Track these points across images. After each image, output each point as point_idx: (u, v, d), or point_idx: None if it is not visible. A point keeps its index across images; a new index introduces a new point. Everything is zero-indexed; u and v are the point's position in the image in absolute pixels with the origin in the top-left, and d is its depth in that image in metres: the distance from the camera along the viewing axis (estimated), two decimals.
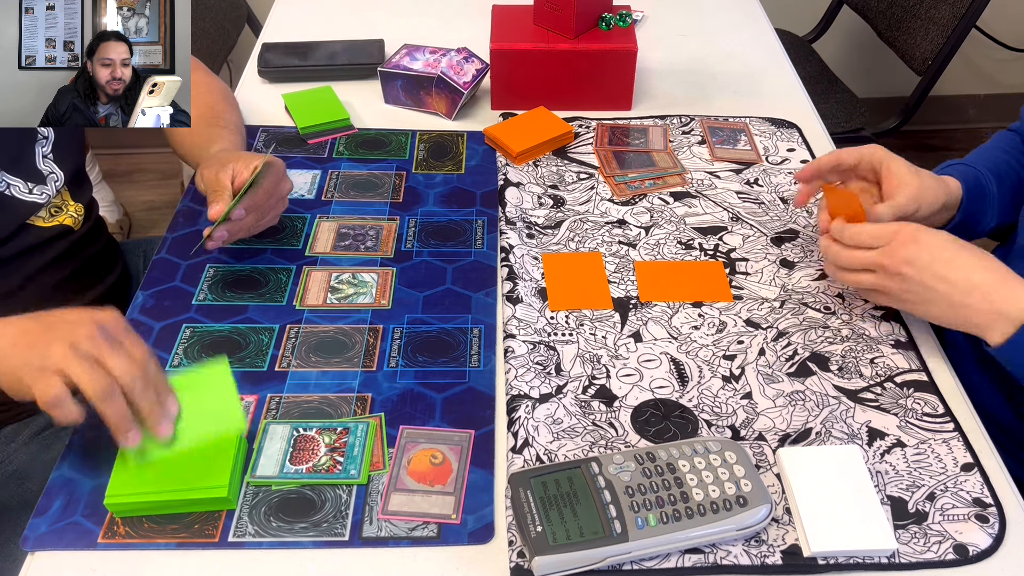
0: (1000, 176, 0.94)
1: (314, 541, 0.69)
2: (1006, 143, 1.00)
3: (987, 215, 0.93)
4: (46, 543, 0.69)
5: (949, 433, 0.77)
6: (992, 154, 0.98)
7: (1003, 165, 0.96)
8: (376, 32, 1.33)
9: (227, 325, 0.87)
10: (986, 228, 0.95)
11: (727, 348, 0.86)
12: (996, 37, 2.34)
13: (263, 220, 0.92)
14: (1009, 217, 0.95)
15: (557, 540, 0.64)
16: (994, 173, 0.94)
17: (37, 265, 0.95)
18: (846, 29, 2.23)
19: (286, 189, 0.94)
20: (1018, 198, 0.96)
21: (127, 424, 0.67)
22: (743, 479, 0.69)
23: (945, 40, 1.65)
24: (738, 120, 1.19)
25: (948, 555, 0.68)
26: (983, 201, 0.93)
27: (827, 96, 1.85)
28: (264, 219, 0.93)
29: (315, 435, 0.76)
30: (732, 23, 1.44)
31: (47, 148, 0.95)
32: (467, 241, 0.98)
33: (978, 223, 0.93)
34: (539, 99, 1.18)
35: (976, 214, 0.92)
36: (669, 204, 1.04)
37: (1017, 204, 0.96)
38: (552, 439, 0.76)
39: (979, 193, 0.92)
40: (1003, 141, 1.00)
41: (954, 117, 2.58)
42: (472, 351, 0.85)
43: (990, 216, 0.93)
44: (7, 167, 0.90)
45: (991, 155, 0.98)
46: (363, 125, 1.17)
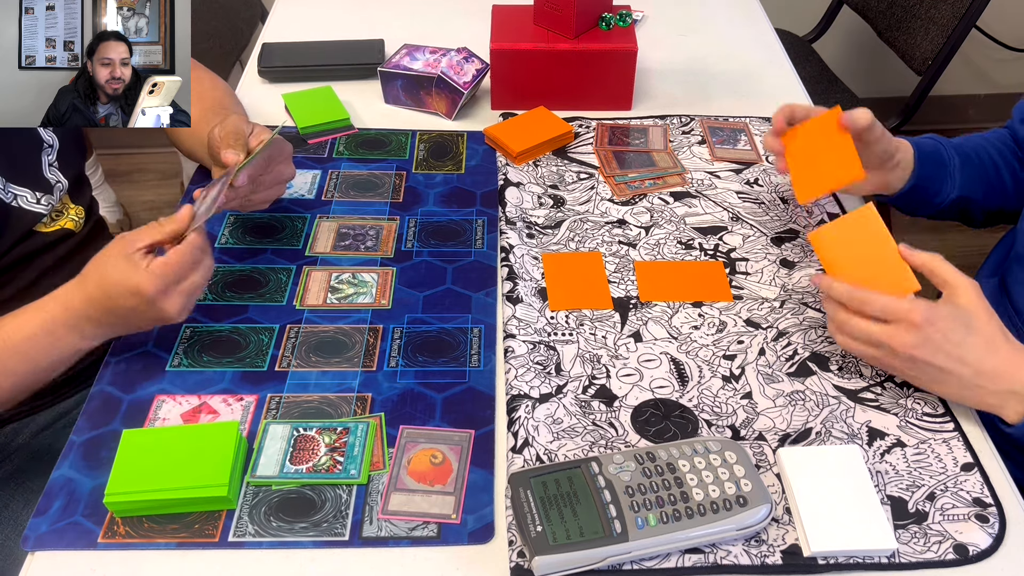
0: (966, 153, 0.97)
1: (314, 541, 0.69)
2: (992, 135, 1.02)
3: (946, 183, 0.95)
4: (46, 543, 0.69)
5: (949, 433, 0.77)
6: (971, 138, 1.01)
7: (975, 146, 0.98)
8: (376, 32, 1.33)
9: (227, 325, 0.87)
10: (947, 197, 0.96)
11: (727, 348, 0.86)
12: (996, 37, 2.34)
13: (256, 195, 0.91)
14: (975, 194, 0.97)
15: (557, 540, 0.64)
16: (959, 150, 0.97)
17: (40, 269, 0.95)
18: (846, 29, 2.23)
19: (287, 175, 0.93)
20: (990, 181, 0.98)
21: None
22: (743, 479, 0.69)
23: (945, 40, 1.65)
24: (738, 120, 1.19)
25: (948, 555, 0.68)
26: (941, 168, 0.95)
27: (827, 96, 1.85)
28: (258, 195, 0.91)
29: (315, 435, 0.76)
30: (732, 23, 1.44)
31: (52, 156, 0.95)
32: (467, 241, 0.98)
33: (937, 191, 0.96)
34: (539, 99, 1.18)
35: (933, 180, 0.95)
36: (669, 204, 1.04)
37: (985, 182, 0.97)
38: (552, 439, 0.76)
39: (936, 159, 0.95)
40: (991, 133, 1.02)
41: (954, 117, 2.58)
42: (472, 351, 0.85)
43: (949, 185, 0.96)
44: (14, 178, 0.90)
45: (969, 138, 1.01)
46: (363, 125, 1.17)
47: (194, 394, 0.80)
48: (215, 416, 0.78)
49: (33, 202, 0.92)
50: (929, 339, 0.73)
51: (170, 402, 0.80)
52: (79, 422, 0.78)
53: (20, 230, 0.92)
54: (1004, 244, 1.00)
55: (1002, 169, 0.98)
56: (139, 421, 0.78)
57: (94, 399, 0.80)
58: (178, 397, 0.80)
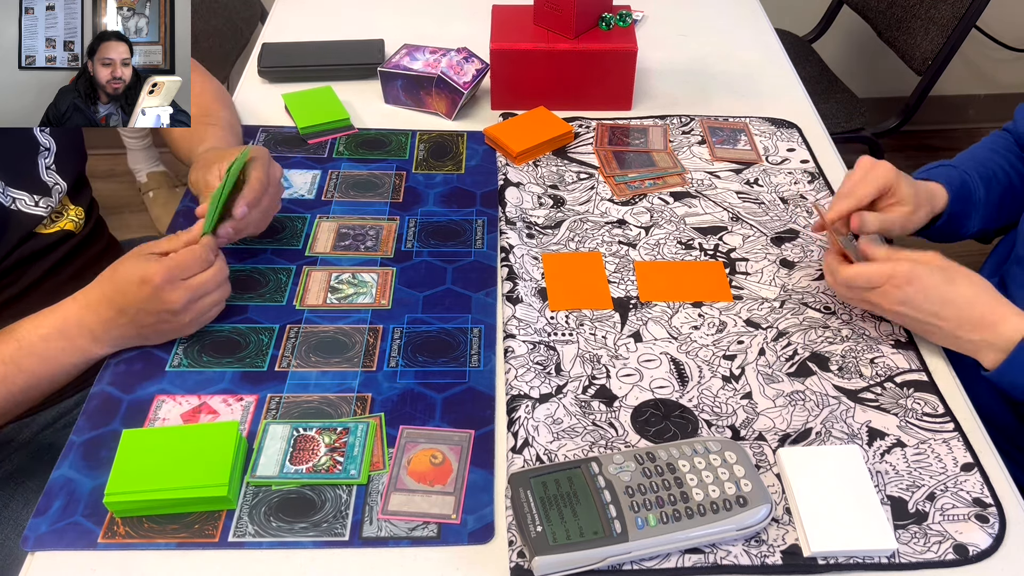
0: (988, 180, 0.95)
1: (314, 541, 0.69)
2: (998, 144, 1.00)
3: (972, 219, 0.95)
4: (46, 543, 0.69)
5: (949, 433, 0.77)
6: (983, 155, 0.99)
7: (992, 166, 0.97)
8: (376, 32, 1.33)
9: (227, 325, 0.87)
10: (970, 231, 0.96)
11: (727, 348, 0.86)
12: (996, 37, 2.34)
13: (269, 211, 0.91)
14: (994, 221, 0.96)
15: (557, 540, 0.64)
16: (983, 177, 0.95)
17: (41, 270, 0.95)
18: (846, 29, 2.23)
19: (277, 175, 0.93)
20: (1007, 200, 0.97)
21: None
22: (743, 479, 0.69)
23: (945, 40, 1.65)
24: (738, 120, 1.19)
25: (948, 555, 0.68)
26: (969, 205, 0.94)
27: (827, 96, 1.85)
28: (270, 210, 0.91)
29: (315, 435, 0.76)
30: (732, 23, 1.44)
31: (49, 159, 0.95)
32: (467, 241, 0.98)
33: (962, 226, 0.95)
34: (539, 99, 1.18)
35: (961, 217, 0.94)
36: (669, 204, 1.04)
37: (1005, 206, 0.96)
38: (552, 439, 0.76)
39: (965, 197, 0.93)
40: (995, 142, 1.01)
41: (954, 117, 2.58)
42: (472, 351, 0.85)
43: (975, 219, 0.95)
44: (11, 181, 0.90)
45: (981, 156, 0.99)
46: (363, 125, 1.17)
47: (194, 394, 0.80)
48: (215, 416, 0.78)
49: (32, 205, 0.92)
50: (911, 298, 0.79)
51: (170, 402, 0.80)
52: (79, 422, 0.78)
53: (20, 232, 0.92)
54: (1004, 245, 1.00)
55: (1016, 187, 0.97)
56: (139, 421, 0.78)
57: (94, 399, 0.80)
58: (178, 397, 0.80)
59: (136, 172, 2.27)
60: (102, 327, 0.80)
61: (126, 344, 0.83)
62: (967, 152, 1.00)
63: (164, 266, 0.78)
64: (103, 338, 0.80)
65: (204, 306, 0.82)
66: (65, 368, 0.80)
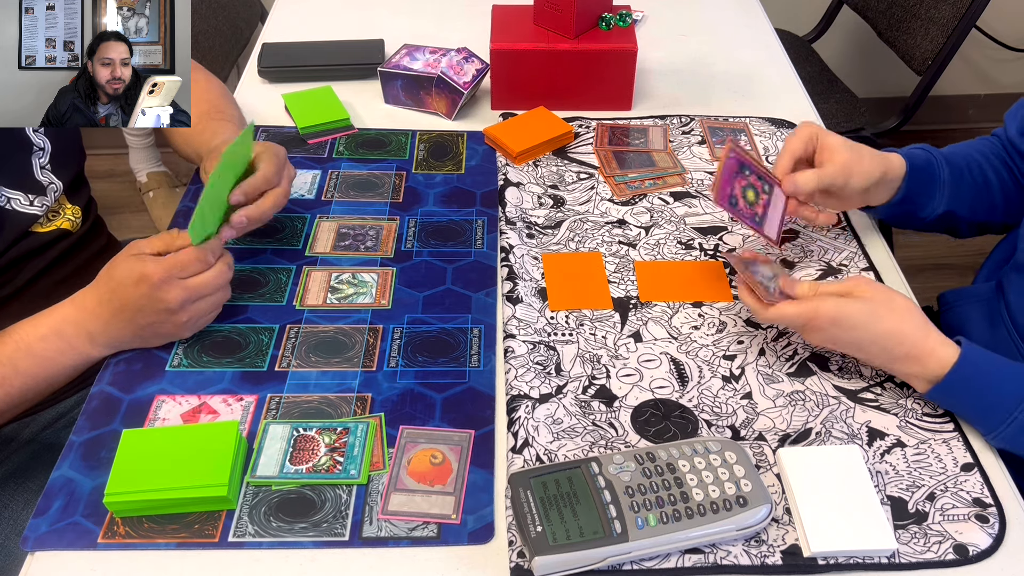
0: (958, 167, 0.95)
1: (314, 541, 0.69)
2: (983, 145, 1.00)
3: (934, 199, 0.94)
4: (46, 543, 0.69)
5: (949, 433, 0.77)
6: (961, 149, 0.99)
7: (966, 157, 0.97)
8: (376, 32, 1.33)
9: (227, 325, 0.87)
10: (933, 212, 0.94)
11: (727, 348, 0.86)
12: (996, 37, 2.34)
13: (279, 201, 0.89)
14: (963, 208, 0.95)
15: (557, 540, 0.64)
16: (950, 162, 0.95)
17: (36, 268, 0.95)
18: (846, 29, 2.23)
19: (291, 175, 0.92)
20: (980, 196, 0.96)
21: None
22: (743, 479, 0.69)
23: (945, 40, 1.65)
24: (738, 120, 1.19)
25: (948, 555, 0.68)
26: (931, 184, 0.93)
27: (827, 96, 1.85)
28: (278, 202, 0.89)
29: (315, 435, 0.76)
30: (732, 23, 1.44)
31: (44, 159, 0.95)
32: (467, 241, 0.98)
33: (924, 205, 0.94)
34: (539, 99, 1.18)
35: (921, 195, 0.93)
36: (669, 204, 1.04)
37: (973, 197, 0.96)
38: (552, 439, 0.76)
39: (927, 175, 0.93)
40: (980, 142, 1.00)
41: (954, 117, 2.58)
42: (472, 351, 0.85)
43: (937, 200, 0.94)
44: (5, 181, 0.90)
45: (960, 149, 0.99)
46: (363, 125, 1.17)
47: (194, 394, 0.80)
48: (215, 416, 0.78)
49: (27, 204, 0.92)
50: (837, 337, 0.77)
51: (170, 402, 0.80)
52: (79, 422, 0.78)
53: (15, 231, 0.92)
54: (1002, 249, 1.00)
55: (992, 184, 0.96)
56: (139, 421, 0.78)
57: (94, 399, 0.80)
58: (178, 397, 0.80)
59: (136, 172, 2.27)
60: (99, 328, 0.80)
61: (123, 346, 0.83)
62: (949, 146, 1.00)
63: (162, 265, 0.78)
64: (100, 340, 0.80)
65: (202, 308, 0.82)
66: (63, 370, 0.81)
